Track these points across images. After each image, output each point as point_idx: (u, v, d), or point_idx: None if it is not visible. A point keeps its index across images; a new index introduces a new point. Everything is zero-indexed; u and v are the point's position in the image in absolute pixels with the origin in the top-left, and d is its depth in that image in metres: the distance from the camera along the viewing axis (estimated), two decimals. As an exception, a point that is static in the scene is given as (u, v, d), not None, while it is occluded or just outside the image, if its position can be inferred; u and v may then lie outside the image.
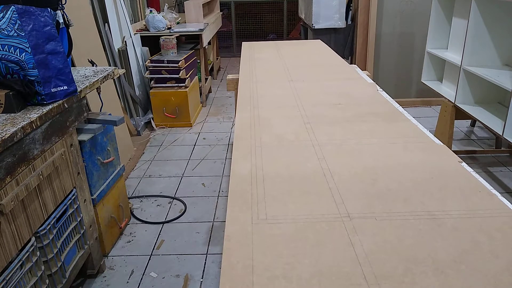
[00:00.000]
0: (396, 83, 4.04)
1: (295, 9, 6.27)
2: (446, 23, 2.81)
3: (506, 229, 0.78)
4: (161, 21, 3.90)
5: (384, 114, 1.38)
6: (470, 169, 1.01)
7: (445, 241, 0.74)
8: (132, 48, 3.61)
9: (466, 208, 0.85)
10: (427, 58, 2.95)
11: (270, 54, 2.47)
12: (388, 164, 1.03)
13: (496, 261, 0.69)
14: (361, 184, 0.95)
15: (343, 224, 0.80)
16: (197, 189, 2.66)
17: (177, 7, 5.86)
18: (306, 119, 1.35)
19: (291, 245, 0.74)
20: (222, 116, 4.02)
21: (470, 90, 2.46)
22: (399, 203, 0.87)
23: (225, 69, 6.07)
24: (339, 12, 3.82)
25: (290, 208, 0.86)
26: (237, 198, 0.90)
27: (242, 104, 1.52)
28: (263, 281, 0.66)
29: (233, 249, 0.73)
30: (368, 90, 1.65)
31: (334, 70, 2.03)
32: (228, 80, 2.28)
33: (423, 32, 3.62)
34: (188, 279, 1.88)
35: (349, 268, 0.68)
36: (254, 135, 1.24)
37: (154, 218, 2.36)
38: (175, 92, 3.61)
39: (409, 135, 1.21)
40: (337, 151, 1.11)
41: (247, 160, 1.07)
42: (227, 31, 7.13)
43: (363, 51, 3.96)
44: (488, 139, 3.29)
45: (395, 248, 0.73)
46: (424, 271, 0.67)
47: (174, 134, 3.58)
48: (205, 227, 2.26)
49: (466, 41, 2.33)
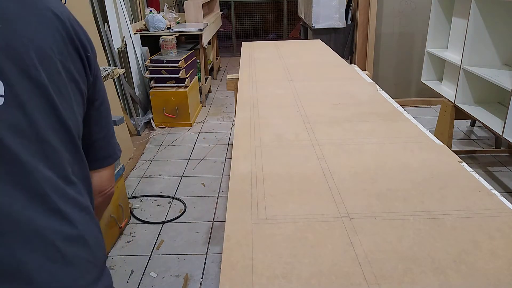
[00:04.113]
0: (396, 83, 4.04)
1: (295, 9, 6.27)
2: (446, 23, 2.81)
3: (506, 229, 0.78)
4: (161, 21, 3.90)
5: (384, 114, 1.38)
6: (470, 169, 1.01)
7: (445, 241, 0.74)
8: (132, 48, 3.61)
9: (466, 208, 0.85)
10: (427, 58, 2.95)
11: (270, 54, 2.47)
12: (388, 164, 1.03)
13: (496, 261, 0.69)
14: (361, 184, 0.95)
15: (343, 224, 0.80)
16: (197, 189, 2.66)
17: (177, 7, 5.86)
18: (306, 119, 1.35)
19: (291, 245, 0.74)
20: (222, 116, 4.02)
21: (470, 90, 2.46)
22: (399, 203, 0.87)
23: (225, 69, 6.07)
24: (339, 12, 3.82)
25: (290, 208, 0.86)
26: (237, 198, 0.90)
27: (242, 104, 1.52)
28: (263, 281, 0.66)
29: (233, 249, 0.73)
30: (368, 90, 1.65)
31: (334, 70, 2.03)
32: (228, 80, 2.28)
33: (423, 32, 3.62)
34: (188, 279, 1.88)
35: (349, 268, 0.68)
36: (254, 135, 1.24)
37: (154, 218, 2.36)
38: (175, 92, 3.61)
39: (409, 135, 1.21)
40: (337, 151, 1.11)
41: (247, 160, 1.07)
42: (227, 31, 7.13)
43: (363, 51, 3.96)
44: (488, 139, 3.29)
45: (395, 248, 0.73)
46: (424, 271, 0.67)
47: (174, 134, 3.58)
48: (205, 227, 2.26)
49: (466, 41, 2.33)
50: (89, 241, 0.65)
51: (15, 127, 0.56)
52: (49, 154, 0.60)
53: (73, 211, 0.63)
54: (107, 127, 0.79)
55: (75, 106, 0.66)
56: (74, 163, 0.66)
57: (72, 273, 0.62)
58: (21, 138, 0.57)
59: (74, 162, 0.66)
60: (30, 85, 0.58)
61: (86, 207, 0.67)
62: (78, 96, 0.68)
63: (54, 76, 0.62)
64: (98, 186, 0.80)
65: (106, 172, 0.81)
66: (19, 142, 0.56)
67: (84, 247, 0.64)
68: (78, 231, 0.63)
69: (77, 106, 0.67)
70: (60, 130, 0.63)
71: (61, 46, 0.64)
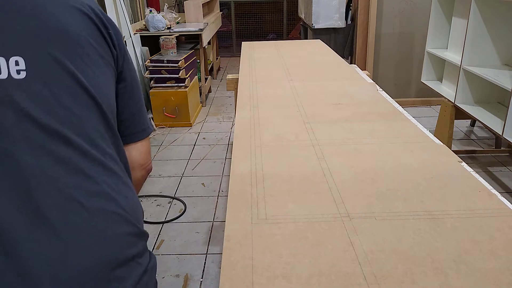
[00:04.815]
0: (396, 83, 4.04)
1: (295, 9, 6.27)
2: (446, 23, 2.81)
3: (506, 229, 0.77)
4: (161, 21, 3.90)
5: (384, 114, 1.38)
6: (470, 169, 1.01)
7: (445, 241, 0.74)
8: (132, 48, 3.61)
9: (465, 207, 0.85)
10: (427, 58, 2.95)
11: (270, 54, 2.47)
12: (388, 164, 1.03)
13: (496, 261, 0.69)
14: (361, 184, 0.94)
15: (343, 224, 0.80)
16: (197, 189, 2.66)
17: (176, 7, 5.86)
18: (306, 119, 1.35)
19: (291, 245, 0.74)
20: (222, 116, 4.02)
21: (470, 90, 2.46)
22: (399, 203, 0.87)
23: (225, 69, 6.07)
24: (339, 12, 3.82)
25: (290, 208, 0.86)
26: (236, 198, 0.90)
27: (242, 104, 1.52)
28: (263, 281, 0.66)
29: (233, 249, 0.73)
30: (368, 90, 1.65)
31: (334, 70, 2.03)
32: (228, 80, 2.28)
33: (423, 32, 3.62)
34: (188, 279, 1.88)
35: (349, 268, 0.68)
36: (254, 135, 1.24)
37: (154, 218, 2.36)
38: (175, 92, 3.61)
39: (409, 135, 1.21)
40: (337, 151, 1.11)
41: (247, 160, 1.07)
42: (227, 31, 7.13)
43: (363, 51, 3.96)
44: (488, 139, 3.29)
45: (395, 248, 0.73)
46: (424, 271, 0.67)
47: (174, 134, 3.58)
48: (205, 227, 2.26)
49: (466, 40, 2.33)
50: (117, 199, 0.67)
51: (37, 97, 0.61)
52: (72, 120, 0.64)
53: (97, 171, 0.65)
54: (140, 101, 0.84)
55: (102, 77, 0.70)
56: (101, 128, 0.69)
57: (98, 224, 0.63)
58: (44, 106, 0.61)
59: (101, 127, 0.69)
60: (49, 59, 0.63)
61: (110, 168, 0.68)
62: (105, 69, 0.71)
63: (75, 51, 0.66)
64: (138, 159, 0.83)
65: (143, 145, 0.84)
66: (43, 110, 0.61)
67: (110, 202, 0.66)
68: (102, 188, 0.65)
69: (104, 78, 0.71)
70: (83, 98, 0.66)
71: (82, 24, 0.69)
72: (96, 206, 0.64)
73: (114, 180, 0.68)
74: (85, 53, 0.68)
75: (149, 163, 0.86)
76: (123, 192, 0.69)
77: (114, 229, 0.65)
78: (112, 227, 0.65)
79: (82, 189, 0.63)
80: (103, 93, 0.69)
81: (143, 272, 0.69)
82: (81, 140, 0.64)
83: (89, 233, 0.62)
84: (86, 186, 0.63)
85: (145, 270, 0.69)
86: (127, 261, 0.66)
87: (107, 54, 0.72)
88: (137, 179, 0.83)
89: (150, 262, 0.73)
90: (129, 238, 0.67)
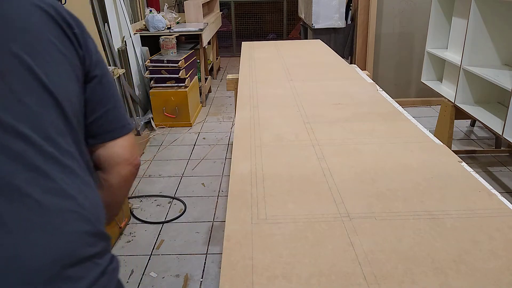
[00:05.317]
0: (396, 83, 4.04)
1: (295, 9, 6.27)
2: (446, 23, 2.81)
3: (506, 229, 0.78)
4: (161, 21, 3.90)
5: (384, 114, 1.38)
6: (470, 169, 1.01)
7: (445, 241, 0.74)
8: (131, 48, 3.61)
9: (465, 207, 0.85)
10: (427, 58, 2.95)
11: (270, 54, 2.47)
12: (388, 164, 1.03)
13: (496, 261, 0.69)
14: (360, 184, 0.95)
15: (343, 224, 0.80)
16: (197, 189, 2.66)
17: (176, 7, 5.86)
18: (306, 119, 1.35)
19: (290, 245, 0.74)
20: (222, 116, 4.02)
21: (470, 90, 2.46)
22: (399, 203, 0.87)
23: (225, 69, 6.07)
24: (339, 12, 3.82)
25: (290, 208, 0.86)
26: (237, 198, 0.90)
27: (242, 104, 1.52)
28: (263, 281, 0.66)
29: (233, 249, 0.73)
30: (368, 90, 1.65)
31: (334, 70, 2.03)
32: (228, 80, 2.28)
33: (423, 32, 3.62)
34: (188, 279, 1.88)
35: (348, 268, 0.68)
36: (254, 135, 1.24)
37: (154, 218, 2.36)
38: (175, 92, 3.61)
39: (409, 135, 1.21)
40: (337, 151, 1.11)
41: (247, 160, 1.07)
42: (227, 31, 7.13)
43: (363, 51, 3.96)
44: (488, 139, 3.29)
45: (395, 248, 0.73)
46: (424, 271, 0.67)
47: (174, 134, 3.58)
48: (205, 227, 2.26)
49: (466, 40, 2.33)
50: (76, 197, 0.66)
51: None
52: (29, 116, 0.63)
53: (53, 168, 0.64)
54: (114, 98, 0.82)
55: (63, 75, 0.70)
56: (60, 125, 0.68)
57: (52, 221, 0.62)
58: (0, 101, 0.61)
59: (60, 124, 0.68)
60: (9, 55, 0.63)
61: (68, 165, 0.67)
62: (67, 66, 0.72)
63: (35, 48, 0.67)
64: (122, 154, 0.81)
65: (126, 140, 0.83)
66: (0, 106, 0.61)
67: (67, 199, 0.64)
68: (58, 185, 0.64)
69: (66, 76, 0.71)
70: (42, 95, 0.66)
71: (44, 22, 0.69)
72: (52, 202, 0.62)
73: (72, 178, 0.67)
74: (46, 50, 0.68)
75: (135, 157, 0.84)
76: (83, 191, 0.68)
77: (69, 226, 0.64)
78: (68, 225, 0.64)
79: (37, 186, 0.62)
80: (63, 90, 0.69)
81: (101, 273, 0.66)
82: (38, 137, 0.63)
83: (43, 229, 0.61)
84: (42, 183, 0.62)
85: (103, 271, 0.67)
86: (83, 260, 0.64)
87: (70, 53, 0.72)
88: (124, 175, 0.82)
89: (111, 264, 0.71)
90: (86, 237, 0.65)
